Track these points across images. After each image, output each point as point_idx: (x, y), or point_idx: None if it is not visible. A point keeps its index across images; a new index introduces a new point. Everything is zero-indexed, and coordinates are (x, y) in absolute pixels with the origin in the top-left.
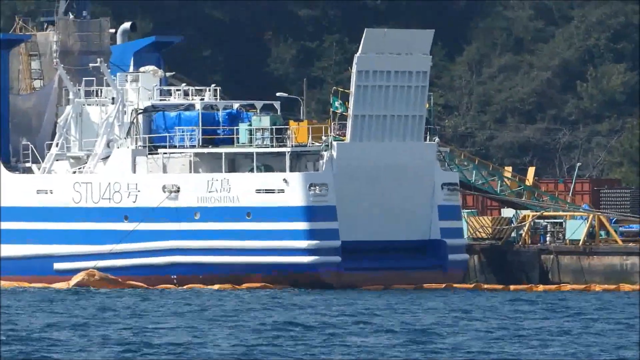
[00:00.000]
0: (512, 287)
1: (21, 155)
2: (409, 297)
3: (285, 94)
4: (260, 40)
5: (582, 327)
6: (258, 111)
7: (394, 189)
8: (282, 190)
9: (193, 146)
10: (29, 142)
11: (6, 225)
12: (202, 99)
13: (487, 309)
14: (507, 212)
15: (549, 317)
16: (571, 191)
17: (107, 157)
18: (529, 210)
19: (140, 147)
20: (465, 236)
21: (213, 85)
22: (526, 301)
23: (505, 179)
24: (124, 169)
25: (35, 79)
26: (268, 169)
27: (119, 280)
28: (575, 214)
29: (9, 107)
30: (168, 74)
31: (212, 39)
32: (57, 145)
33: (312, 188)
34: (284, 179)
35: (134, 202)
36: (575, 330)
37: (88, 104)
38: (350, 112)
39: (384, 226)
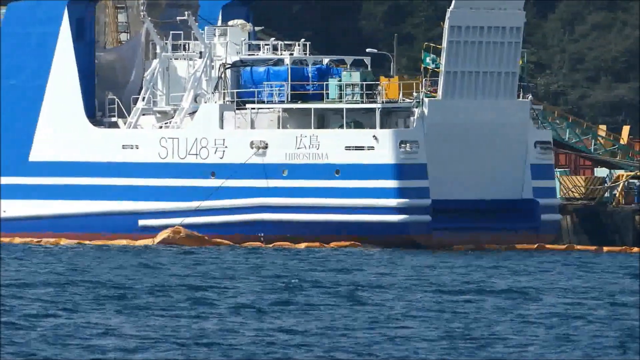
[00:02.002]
0: (605, 248)
1: (107, 109)
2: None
3: (375, 50)
4: None
5: None
6: (348, 67)
7: (485, 147)
8: (371, 148)
9: (282, 102)
10: (114, 97)
11: (91, 180)
12: (291, 54)
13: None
14: (601, 172)
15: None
16: None
17: (194, 112)
18: (623, 170)
19: (227, 102)
20: (558, 196)
21: (302, 40)
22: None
23: (599, 138)
24: (211, 125)
25: (121, 33)
26: (358, 125)
27: (205, 237)
28: None
29: (95, 60)
30: (257, 28)
31: None
32: (143, 100)
33: (402, 145)
34: (374, 136)
35: (221, 158)
36: None
37: (175, 58)
38: (442, 68)
39: (475, 185)
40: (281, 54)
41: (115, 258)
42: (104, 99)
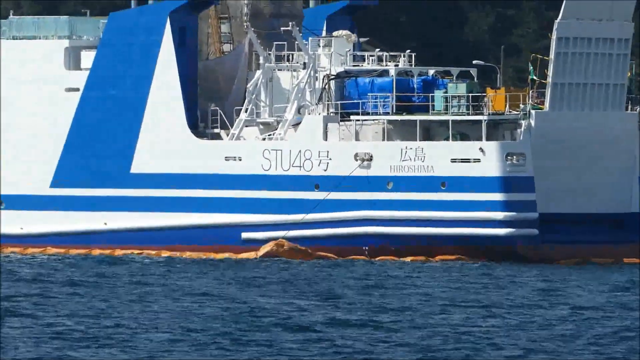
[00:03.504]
0: None
1: (209, 120)
2: None
3: (481, 62)
4: (457, 6)
5: None
6: (454, 78)
7: (593, 159)
8: (477, 160)
9: (386, 113)
10: (217, 108)
11: (193, 193)
12: (396, 65)
13: None
14: None
15: None
16: None
17: (298, 123)
18: None
19: (332, 114)
20: None
21: (408, 51)
22: None
23: None
24: (315, 136)
25: (224, 43)
26: (464, 137)
27: (309, 250)
28: None
29: (198, 71)
30: (362, 39)
31: (407, 4)
32: (246, 111)
33: (509, 158)
34: (480, 148)
35: (325, 170)
36: None
37: (279, 69)
38: (549, 80)
39: (582, 198)
40: (386, 65)
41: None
42: (206, 110)
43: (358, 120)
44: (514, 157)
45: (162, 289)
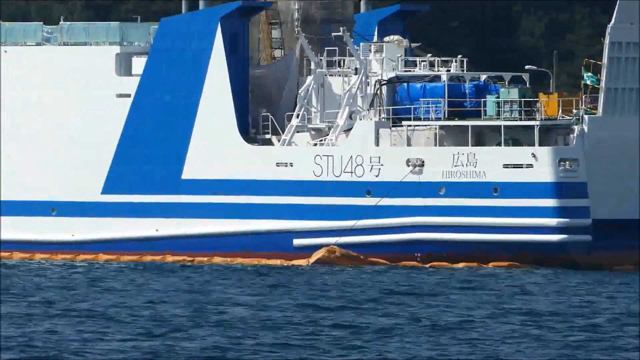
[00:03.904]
0: None
1: (261, 126)
2: None
3: (534, 67)
4: (509, 11)
5: None
6: (506, 83)
7: None
8: (530, 165)
9: (438, 119)
10: (268, 113)
11: (244, 199)
12: (448, 70)
13: None
14: None
15: None
16: None
17: (349, 129)
18: None
19: (383, 119)
20: None
21: (460, 56)
22: None
23: None
24: (366, 142)
25: (275, 49)
26: (516, 142)
27: (360, 257)
28: None
29: (249, 77)
30: (413, 44)
31: (459, 10)
32: (297, 117)
33: (562, 163)
34: (533, 154)
35: (377, 176)
36: None
37: (330, 75)
38: (602, 84)
39: (636, 203)
40: (438, 70)
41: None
42: (257, 115)
43: (410, 125)
44: (567, 162)
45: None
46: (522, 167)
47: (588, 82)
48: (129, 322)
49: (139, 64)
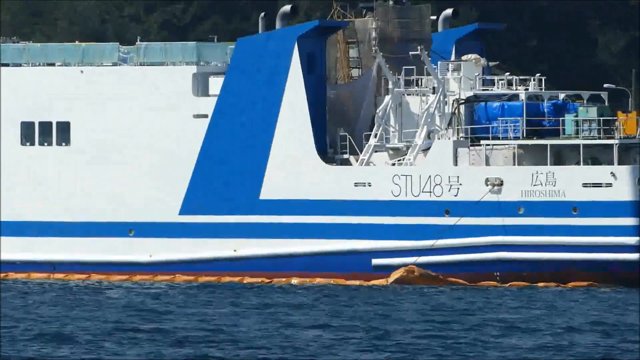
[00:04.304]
0: None
1: (338, 146)
2: None
3: (612, 85)
4: (587, 30)
5: None
6: (585, 102)
7: None
8: (609, 184)
9: (517, 138)
10: (346, 133)
11: (323, 219)
12: (526, 89)
13: None
14: None
15: None
16: None
17: (428, 148)
18: None
19: (462, 139)
20: None
21: (538, 74)
22: None
23: None
24: (445, 161)
25: (353, 68)
26: (595, 161)
27: (440, 277)
28: None
29: (326, 96)
30: (491, 63)
31: (537, 29)
32: (375, 136)
33: None
34: (612, 173)
35: (456, 195)
36: None
37: (407, 94)
38: None
39: None
40: (516, 89)
41: None
42: (335, 135)
43: (488, 144)
44: None
45: None
46: (601, 186)
47: None
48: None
49: (216, 84)
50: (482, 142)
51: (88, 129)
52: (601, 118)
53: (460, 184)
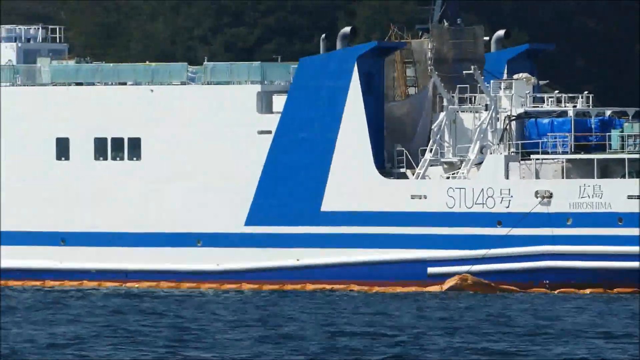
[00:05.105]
0: None
1: (395, 160)
2: None
3: None
4: (632, 50)
5: None
6: (630, 118)
7: None
8: None
9: (565, 152)
10: (403, 148)
11: (381, 230)
12: (574, 106)
13: None
14: None
15: None
16: None
17: (480, 162)
18: None
19: (513, 153)
20: None
21: (585, 92)
22: None
23: None
24: (497, 175)
25: (409, 86)
26: None
27: (492, 284)
28: None
29: (384, 114)
30: (541, 81)
31: (585, 49)
32: (431, 151)
33: None
34: None
35: (507, 207)
36: None
37: (461, 111)
38: None
39: None
40: (565, 106)
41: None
42: (392, 150)
43: (538, 159)
44: None
45: None
46: None
47: None
48: None
49: (279, 102)
50: (532, 156)
51: (158, 145)
52: None
53: (512, 197)
